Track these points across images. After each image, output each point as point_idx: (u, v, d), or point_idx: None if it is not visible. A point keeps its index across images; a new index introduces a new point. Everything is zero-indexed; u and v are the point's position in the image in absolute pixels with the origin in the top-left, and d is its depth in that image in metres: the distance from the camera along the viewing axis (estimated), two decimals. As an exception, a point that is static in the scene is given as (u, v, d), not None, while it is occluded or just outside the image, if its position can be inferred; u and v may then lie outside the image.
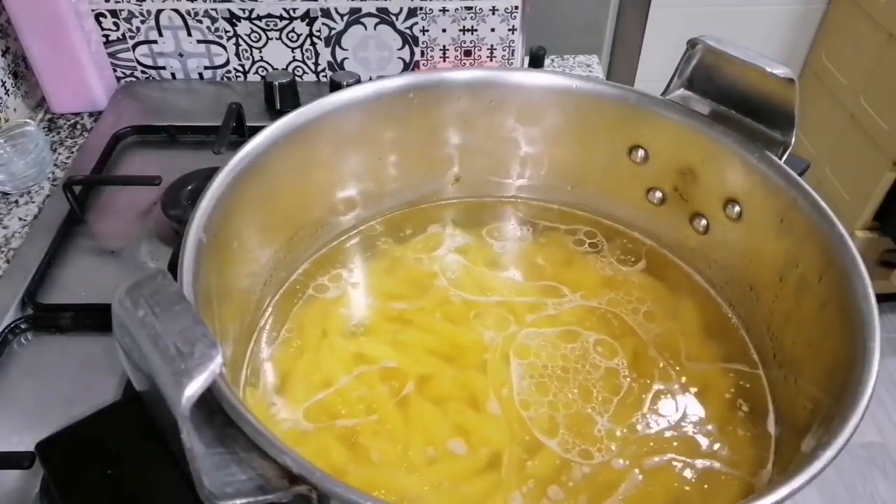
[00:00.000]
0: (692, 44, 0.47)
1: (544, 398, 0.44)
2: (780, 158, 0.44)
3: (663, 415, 0.44)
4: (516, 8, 0.77)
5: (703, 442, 0.42)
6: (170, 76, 0.83)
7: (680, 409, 0.44)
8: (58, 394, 0.50)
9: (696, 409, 0.44)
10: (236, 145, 0.45)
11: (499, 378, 0.45)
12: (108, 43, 0.80)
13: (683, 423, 0.43)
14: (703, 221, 0.51)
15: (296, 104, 0.64)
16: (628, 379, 0.45)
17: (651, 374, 0.46)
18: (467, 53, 0.81)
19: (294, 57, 0.82)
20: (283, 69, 0.83)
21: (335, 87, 0.73)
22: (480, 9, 0.77)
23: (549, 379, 0.45)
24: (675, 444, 0.42)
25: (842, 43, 1.44)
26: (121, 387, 0.50)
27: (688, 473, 0.41)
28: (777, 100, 0.44)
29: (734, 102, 0.47)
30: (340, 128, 0.50)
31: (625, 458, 0.41)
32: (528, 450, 0.42)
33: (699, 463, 0.41)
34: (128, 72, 0.83)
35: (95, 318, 0.54)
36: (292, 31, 0.79)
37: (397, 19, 0.78)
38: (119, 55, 0.81)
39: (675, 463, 0.41)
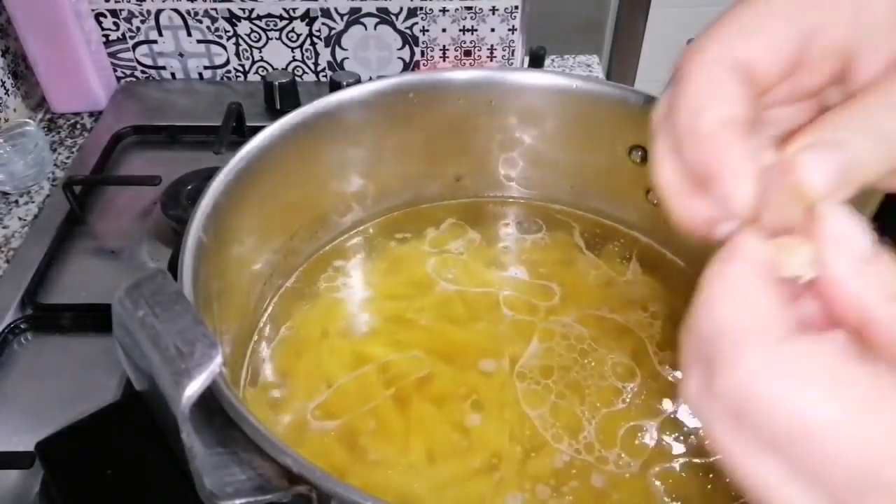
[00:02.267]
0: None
1: (546, 398, 0.44)
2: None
3: (663, 416, 0.44)
4: (516, 8, 0.77)
5: (704, 441, 0.42)
6: (170, 76, 0.83)
7: (680, 409, 0.44)
8: (58, 394, 0.50)
9: (696, 409, 0.44)
10: (236, 145, 0.45)
11: (499, 378, 0.45)
12: (108, 43, 0.80)
13: (684, 423, 0.43)
14: (703, 221, 0.51)
15: (296, 104, 0.64)
16: (628, 379, 0.45)
17: (651, 374, 0.46)
18: (467, 53, 0.81)
19: (294, 57, 0.82)
20: (282, 69, 0.82)
21: (335, 87, 0.73)
22: (480, 9, 0.77)
23: (550, 379, 0.45)
24: (675, 442, 0.42)
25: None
26: (121, 387, 0.50)
27: (688, 472, 0.41)
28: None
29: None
30: (340, 128, 0.49)
31: (626, 460, 0.41)
32: (528, 450, 0.42)
33: (700, 462, 0.41)
34: (128, 72, 0.83)
35: (95, 319, 0.54)
36: (292, 30, 0.79)
37: (397, 19, 0.78)
38: (119, 55, 0.81)
39: (676, 462, 0.41)
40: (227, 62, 0.82)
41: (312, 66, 0.83)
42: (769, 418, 0.19)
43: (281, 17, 0.78)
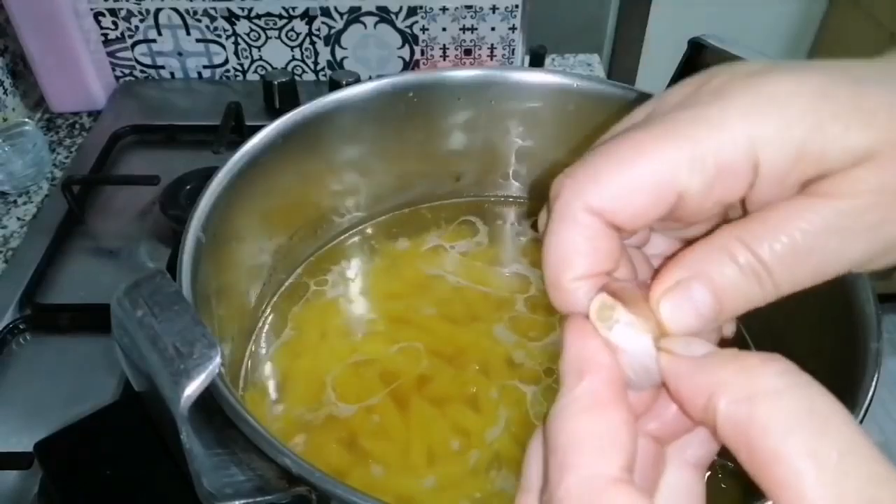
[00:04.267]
0: (693, 43, 0.47)
1: (547, 398, 0.44)
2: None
3: (664, 415, 0.44)
4: (517, 7, 0.77)
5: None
6: (168, 75, 0.83)
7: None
8: (57, 394, 0.50)
9: (696, 410, 0.44)
10: (235, 145, 0.45)
11: (499, 378, 0.45)
12: (106, 42, 0.80)
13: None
14: (704, 221, 0.50)
15: (295, 103, 0.63)
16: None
17: (652, 374, 0.46)
18: (467, 52, 0.81)
19: (293, 56, 0.81)
20: (282, 68, 0.82)
21: (335, 86, 0.73)
22: (481, 7, 0.77)
23: (551, 379, 0.45)
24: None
25: (842, 43, 1.44)
26: (119, 387, 0.50)
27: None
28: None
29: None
30: (340, 127, 0.49)
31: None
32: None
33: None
34: (126, 71, 0.83)
35: (94, 319, 0.54)
36: (291, 29, 0.79)
37: (397, 18, 0.78)
38: (118, 54, 0.81)
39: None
40: (227, 61, 0.82)
41: (312, 66, 0.82)
42: None
43: (280, 16, 0.78)
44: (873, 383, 0.33)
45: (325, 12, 0.77)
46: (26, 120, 0.73)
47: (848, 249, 0.20)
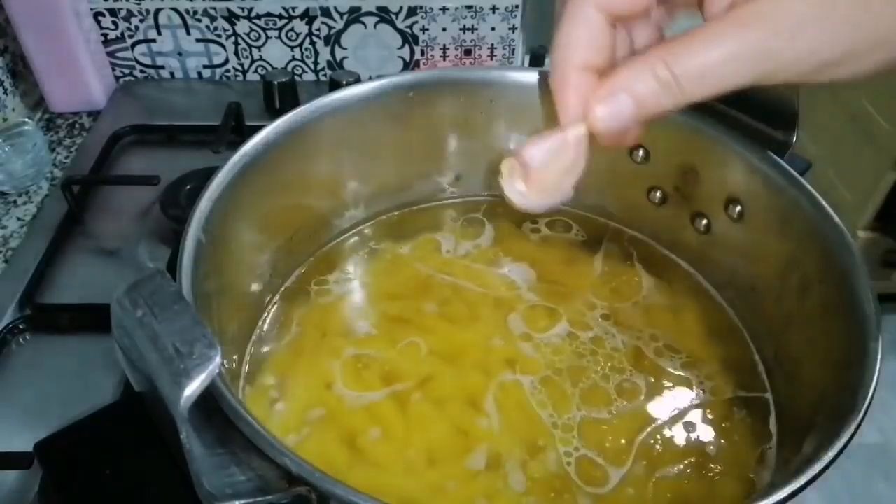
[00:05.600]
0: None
1: (546, 399, 0.44)
2: (782, 158, 0.44)
3: (663, 416, 0.44)
4: (517, 7, 0.77)
5: (704, 442, 0.42)
6: (168, 75, 0.83)
7: (680, 409, 0.44)
8: (56, 394, 0.50)
9: (696, 410, 0.44)
10: (235, 145, 0.45)
11: (500, 378, 0.45)
12: (106, 42, 0.80)
13: (683, 424, 0.43)
14: (705, 221, 0.50)
15: (295, 103, 0.64)
16: (629, 380, 0.45)
17: (652, 375, 0.46)
18: (467, 52, 0.81)
19: (293, 56, 0.82)
20: (282, 68, 0.82)
21: (335, 86, 0.73)
22: (481, 7, 0.77)
23: (551, 379, 0.45)
24: (675, 445, 0.42)
25: (842, 42, 1.43)
26: (119, 387, 0.50)
27: (688, 474, 0.41)
28: (779, 99, 0.44)
29: (735, 101, 0.47)
30: (340, 127, 0.49)
31: (624, 459, 0.41)
32: (529, 451, 0.41)
33: (699, 463, 0.41)
34: (126, 71, 0.83)
35: (94, 319, 0.54)
36: (291, 30, 0.79)
37: (397, 18, 0.78)
38: (118, 54, 0.81)
39: (675, 464, 0.41)
40: (227, 61, 0.82)
41: (312, 66, 0.82)
42: None
43: (280, 17, 0.78)
44: (873, 383, 0.33)
45: (325, 12, 0.78)
46: (26, 120, 0.73)
47: (739, 72, 0.28)
